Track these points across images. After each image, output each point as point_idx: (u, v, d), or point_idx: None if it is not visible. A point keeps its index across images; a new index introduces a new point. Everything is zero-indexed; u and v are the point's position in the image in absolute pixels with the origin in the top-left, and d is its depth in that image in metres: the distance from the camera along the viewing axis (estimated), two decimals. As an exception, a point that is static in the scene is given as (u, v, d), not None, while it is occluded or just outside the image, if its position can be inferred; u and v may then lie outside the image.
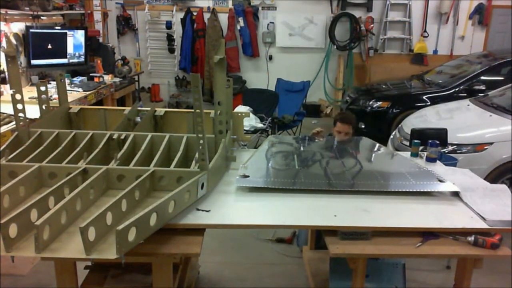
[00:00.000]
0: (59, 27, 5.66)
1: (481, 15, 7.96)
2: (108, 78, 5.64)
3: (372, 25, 7.88)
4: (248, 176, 2.30)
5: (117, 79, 5.81)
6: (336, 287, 2.56)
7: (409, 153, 2.88)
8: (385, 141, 4.89)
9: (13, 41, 4.72)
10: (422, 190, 2.23)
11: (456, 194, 2.23)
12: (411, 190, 2.23)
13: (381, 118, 5.96)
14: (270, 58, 8.13)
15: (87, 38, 5.72)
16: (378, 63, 8.08)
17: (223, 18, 7.82)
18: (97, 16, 6.71)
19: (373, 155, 3.00)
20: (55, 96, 3.28)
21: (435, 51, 8.13)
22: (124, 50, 7.96)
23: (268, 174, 2.44)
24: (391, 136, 5.02)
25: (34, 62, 5.03)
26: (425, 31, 8.00)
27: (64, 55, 5.43)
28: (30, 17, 4.97)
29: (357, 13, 7.79)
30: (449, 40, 8.12)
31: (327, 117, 8.00)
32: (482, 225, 1.95)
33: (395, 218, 1.99)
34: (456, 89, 5.84)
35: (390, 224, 1.95)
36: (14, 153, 2.15)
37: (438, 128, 3.76)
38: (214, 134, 2.42)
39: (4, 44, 4.30)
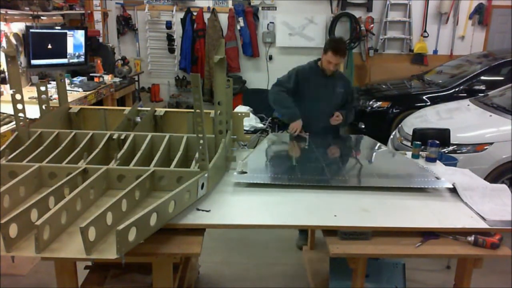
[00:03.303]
0: (59, 27, 5.65)
1: (481, 15, 7.95)
2: (108, 78, 5.64)
3: (372, 25, 7.87)
4: (246, 172, 2.31)
5: (117, 79, 5.80)
6: (336, 287, 2.56)
7: (410, 153, 2.89)
8: (385, 141, 4.88)
9: (13, 41, 4.71)
10: (417, 186, 2.27)
11: (455, 194, 2.23)
12: (407, 186, 2.27)
13: (381, 118, 5.96)
14: (270, 58, 8.13)
15: (87, 38, 5.71)
16: (378, 63, 8.07)
17: (223, 18, 7.81)
18: (97, 16, 6.70)
19: (372, 153, 3.01)
20: (55, 96, 3.27)
21: (435, 51, 8.12)
22: (124, 50, 7.95)
23: (266, 170, 2.45)
24: (391, 136, 5.02)
25: (34, 62, 5.03)
26: (425, 31, 7.99)
27: (64, 55, 5.42)
28: (30, 17, 4.97)
29: (357, 13, 7.78)
30: (449, 40, 8.12)
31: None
32: (482, 225, 1.95)
33: (395, 218, 1.99)
34: (456, 89, 5.84)
35: (390, 224, 1.95)
36: (14, 153, 2.15)
37: (441, 128, 3.75)
38: (214, 134, 2.42)
39: (4, 44, 4.30)
